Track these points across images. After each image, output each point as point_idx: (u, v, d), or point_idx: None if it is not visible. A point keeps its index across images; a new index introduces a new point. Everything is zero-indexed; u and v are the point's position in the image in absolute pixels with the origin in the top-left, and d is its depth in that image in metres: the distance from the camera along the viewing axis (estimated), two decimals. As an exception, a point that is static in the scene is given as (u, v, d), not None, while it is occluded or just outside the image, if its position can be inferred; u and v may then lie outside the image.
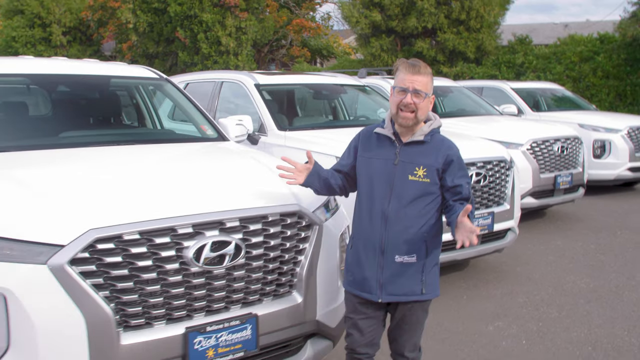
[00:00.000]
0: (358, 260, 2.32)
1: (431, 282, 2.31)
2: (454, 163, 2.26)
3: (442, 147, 2.28)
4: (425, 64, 2.27)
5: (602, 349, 3.44)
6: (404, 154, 2.27)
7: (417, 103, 2.20)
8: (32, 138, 3.09)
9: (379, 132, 2.34)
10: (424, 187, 2.23)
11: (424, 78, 2.22)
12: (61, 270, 1.94)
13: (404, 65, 2.25)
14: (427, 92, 2.22)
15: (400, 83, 2.23)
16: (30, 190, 2.22)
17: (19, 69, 3.36)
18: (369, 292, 2.29)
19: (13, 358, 1.94)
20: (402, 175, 2.24)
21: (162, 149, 3.13)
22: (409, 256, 2.24)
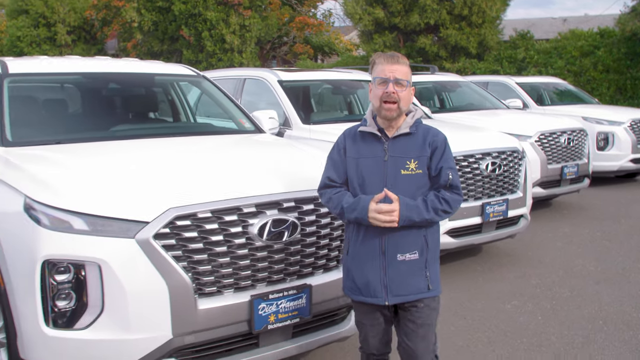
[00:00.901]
0: (358, 264, 2.24)
1: (434, 277, 2.26)
2: (438, 149, 2.21)
3: (428, 136, 2.24)
4: (402, 54, 2.25)
5: (612, 323, 3.73)
6: (392, 149, 2.21)
7: (399, 92, 2.16)
8: (91, 131, 3.37)
9: (363, 130, 2.26)
10: (417, 179, 2.19)
11: (404, 67, 2.19)
12: (147, 244, 2.23)
13: (381, 57, 2.22)
14: (408, 80, 2.20)
15: (380, 74, 2.18)
16: (114, 175, 2.51)
17: (73, 68, 3.63)
18: (374, 296, 2.22)
19: (106, 319, 2.22)
20: (394, 170, 2.19)
21: (211, 140, 3.41)
22: (410, 253, 2.19)
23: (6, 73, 3.41)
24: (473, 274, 4.75)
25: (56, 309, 2.23)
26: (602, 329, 3.64)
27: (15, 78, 3.42)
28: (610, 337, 3.52)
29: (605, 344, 3.42)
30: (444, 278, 4.37)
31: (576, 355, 3.28)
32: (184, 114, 4.39)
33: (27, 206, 2.34)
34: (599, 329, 3.65)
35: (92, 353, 2.24)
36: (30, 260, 2.23)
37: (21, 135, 3.13)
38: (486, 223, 4.57)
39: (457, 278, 4.60)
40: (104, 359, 2.24)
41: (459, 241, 4.44)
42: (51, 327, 2.23)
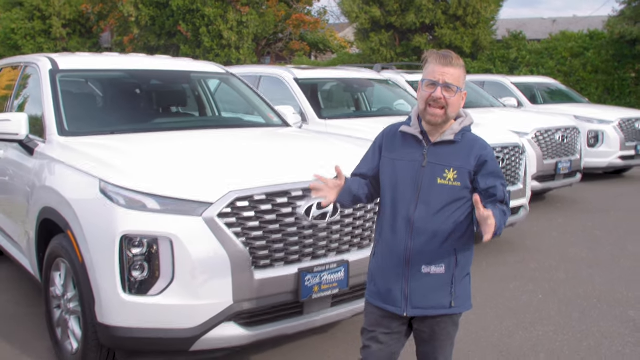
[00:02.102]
0: (382, 270, 2.14)
1: (461, 294, 2.12)
2: (487, 164, 2.05)
3: (475, 147, 2.07)
4: (458, 55, 2.07)
5: (605, 301, 4.13)
6: (432, 155, 2.06)
7: (448, 98, 2.00)
8: (138, 123, 3.69)
9: (404, 130, 2.13)
10: (453, 191, 2.04)
11: (456, 70, 2.02)
12: (212, 221, 2.56)
13: (434, 56, 2.05)
14: (459, 86, 2.02)
15: (430, 75, 2.02)
16: (176, 162, 2.84)
17: (117, 65, 3.94)
18: (393, 304, 2.11)
19: (177, 287, 2.55)
20: (430, 178, 2.04)
21: (249, 132, 3.75)
22: (436, 267, 2.06)
23: (57, 69, 3.71)
24: (477, 259, 5.03)
25: (132, 278, 2.56)
26: (596, 306, 4.04)
27: (65, 74, 3.73)
28: (604, 312, 3.92)
29: (599, 318, 3.82)
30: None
31: (574, 327, 3.67)
32: (209, 108, 4.71)
33: (103, 189, 2.66)
34: (593, 305, 4.05)
35: (163, 316, 2.57)
36: (109, 236, 2.55)
37: (76, 126, 3.43)
38: (490, 212, 4.94)
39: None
40: (174, 321, 2.57)
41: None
42: (128, 294, 2.56)
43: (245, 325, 2.68)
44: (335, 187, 2.16)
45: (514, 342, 3.47)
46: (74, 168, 2.92)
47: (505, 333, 3.59)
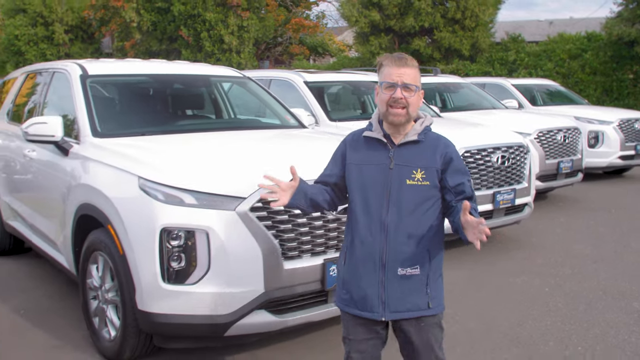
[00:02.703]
0: (356, 277, 2.12)
1: (436, 294, 2.13)
2: (453, 161, 2.10)
3: (439, 145, 2.11)
4: (411, 56, 2.12)
5: (610, 294, 4.31)
6: (398, 157, 2.08)
7: (408, 97, 2.04)
8: (163, 125, 3.88)
9: (368, 135, 2.15)
10: (423, 190, 2.06)
11: (412, 71, 2.06)
12: (244, 215, 2.75)
13: (389, 59, 2.09)
14: (417, 85, 2.07)
15: (387, 78, 2.05)
16: (208, 160, 3.02)
17: (141, 70, 4.14)
18: (370, 310, 2.09)
19: (212, 276, 2.73)
20: (398, 180, 2.06)
21: (270, 132, 3.94)
22: (412, 268, 2.07)
23: (87, 75, 3.90)
24: (484, 255, 5.31)
25: (171, 268, 2.74)
26: (601, 298, 4.22)
27: (94, 79, 3.91)
28: (609, 304, 4.11)
29: (604, 310, 4.00)
30: (459, 260, 4.99)
31: (580, 318, 3.86)
32: (227, 110, 4.90)
33: (142, 185, 2.85)
34: (598, 298, 4.23)
35: (200, 303, 2.74)
36: (149, 229, 2.74)
37: (107, 128, 3.62)
38: (496, 210, 5.15)
39: (471, 258, 5.16)
40: (210, 308, 2.75)
41: (474, 225, 5.00)
42: (167, 282, 2.74)
43: (275, 313, 2.86)
44: (288, 188, 2.15)
45: (523, 331, 3.65)
46: (111, 167, 3.11)
47: (515, 323, 3.78)
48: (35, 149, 4.00)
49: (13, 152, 4.51)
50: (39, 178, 3.95)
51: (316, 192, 2.22)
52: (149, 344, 3.01)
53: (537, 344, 3.47)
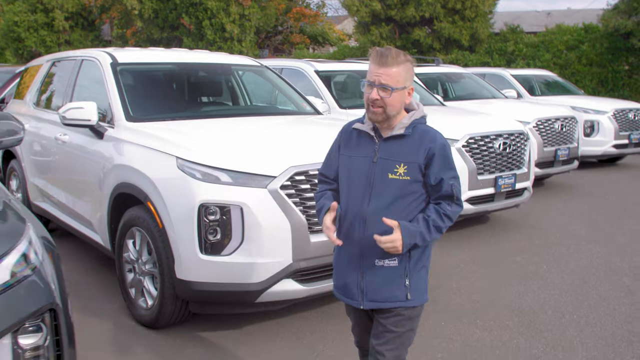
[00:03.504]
0: (340, 265, 2.20)
1: (417, 287, 2.12)
2: (435, 157, 2.04)
3: (424, 140, 2.06)
4: (399, 51, 2.02)
5: (602, 270, 4.63)
6: (383, 151, 2.07)
7: (385, 98, 1.99)
8: (190, 110, 4.14)
9: (358, 127, 2.15)
10: (404, 185, 2.04)
11: (394, 69, 1.98)
12: (275, 192, 3.03)
13: (372, 55, 2.03)
14: (396, 85, 1.99)
15: (368, 76, 2.03)
16: (239, 142, 3.29)
17: (168, 58, 4.39)
18: (351, 297, 2.16)
19: (246, 248, 3.02)
20: (381, 173, 2.06)
21: (292, 118, 4.21)
22: (389, 260, 2.07)
23: (117, 63, 4.15)
24: (485, 236, 5.63)
25: (208, 241, 3.02)
26: (594, 274, 4.54)
27: (124, 67, 4.16)
28: (601, 279, 4.43)
29: (597, 284, 4.32)
30: (463, 242, 5.30)
31: (576, 291, 4.17)
32: (242, 97, 5.16)
33: (180, 165, 3.12)
34: (592, 274, 4.55)
35: (234, 272, 3.03)
36: (188, 205, 3.02)
37: (138, 113, 3.88)
38: (498, 193, 5.45)
39: (473, 240, 5.48)
40: (243, 277, 3.04)
41: (476, 208, 5.31)
42: (204, 254, 3.02)
43: (302, 282, 3.15)
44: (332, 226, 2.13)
45: (524, 302, 3.97)
46: (149, 148, 3.38)
47: (516, 296, 4.09)
48: (68, 133, 4.26)
49: (42, 137, 4.76)
50: (72, 160, 4.20)
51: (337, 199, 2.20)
52: (184, 311, 3.30)
53: (537, 313, 3.78)
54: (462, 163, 5.19)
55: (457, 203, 2.09)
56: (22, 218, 1.79)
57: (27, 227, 1.73)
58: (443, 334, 3.46)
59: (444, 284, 4.31)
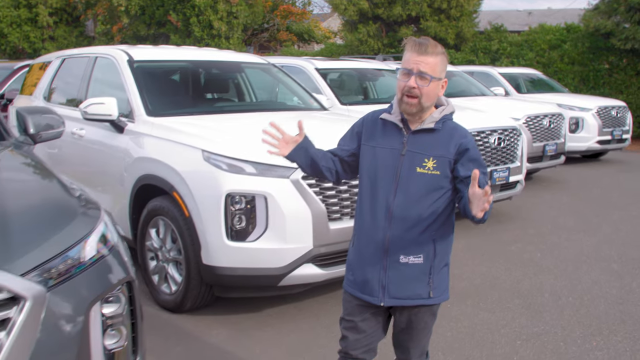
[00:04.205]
0: (360, 259, 2.12)
1: (439, 284, 2.10)
2: (468, 152, 2.01)
3: (455, 135, 2.03)
4: (436, 42, 2.00)
5: (592, 257, 4.92)
6: (412, 144, 2.02)
7: (422, 87, 1.96)
8: (204, 106, 4.30)
9: (385, 118, 2.10)
10: (433, 180, 2.00)
11: (432, 59, 1.95)
12: (297, 182, 3.22)
13: (410, 44, 1.99)
14: (434, 75, 1.97)
15: (405, 64, 1.98)
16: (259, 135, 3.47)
17: (181, 56, 4.54)
18: (370, 294, 2.09)
19: (270, 234, 3.21)
20: (409, 167, 2.01)
21: (304, 113, 4.40)
22: (415, 257, 2.03)
23: (133, 60, 4.30)
24: (481, 228, 5.88)
25: (234, 228, 3.21)
26: (585, 261, 4.83)
27: (139, 64, 4.31)
28: (592, 266, 4.72)
29: (589, 270, 4.61)
30: (460, 232, 5.55)
31: (569, 276, 4.45)
32: (248, 94, 5.34)
33: (206, 157, 3.30)
34: (583, 261, 4.84)
35: (258, 258, 3.23)
36: (215, 195, 3.19)
37: (157, 108, 4.03)
38: (493, 186, 5.70)
39: (470, 230, 5.73)
40: (267, 262, 3.23)
41: (473, 200, 5.56)
42: (230, 240, 3.21)
43: (321, 266, 3.35)
44: (291, 141, 2.15)
45: (522, 286, 4.23)
46: (173, 141, 3.54)
47: (515, 281, 4.35)
48: (84, 128, 4.39)
49: (55, 131, 4.87)
50: (90, 154, 4.34)
51: (319, 157, 2.18)
52: (208, 295, 3.48)
53: (535, 296, 4.04)
54: (460, 157, 5.43)
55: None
56: (96, 203, 1.96)
57: (102, 211, 1.90)
58: (450, 315, 3.70)
59: (446, 270, 4.55)
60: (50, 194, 1.89)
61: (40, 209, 1.74)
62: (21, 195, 1.80)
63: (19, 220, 1.60)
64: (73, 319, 1.55)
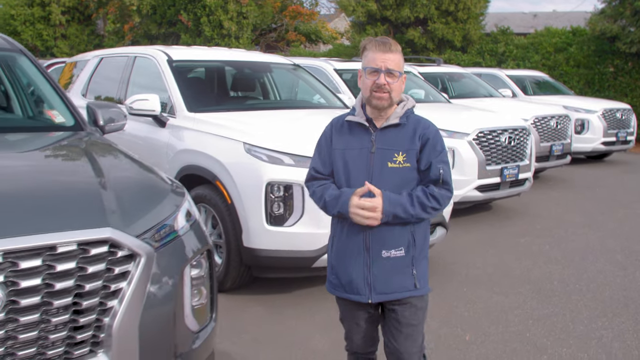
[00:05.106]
0: (342, 261, 2.15)
1: (422, 275, 2.15)
2: (429, 142, 2.09)
3: (418, 127, 2.11)
4: (395, 41, 2.10)
5: (597, 249, 5.24)
6: (380, 140, 2.08)
7: (391, 83, 2.03)
8: (238, 103, 4.63)
9: (350, 119, 2.15)
10: (405, 173, 2.06)
11: (396, 56, 2.05)
12: (330, 173, 3.54)
13: (372, 43, 2.07)
14: (400, 70, 2.06)
15: (371, 63, 2.04)
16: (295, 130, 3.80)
17: (215, 56, 4.87)
18: (357, 293, 2.12)
19: (305, 220, 3.53)
20: (380, 163, 2.07)
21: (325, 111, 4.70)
22: (396, 250, 2.08)
23: (172, 60, 4.62)
24: (491, 223, 6.21)
25: (273, 214, 3.53)
26: (591, 253, 5.14)
27: (178, 63, 4.64)
28: (597, 257, 5.03)
29: (594, 260, 4.92)
30: (470, 226, 5.87)
31: (576, 266, 4.76)
32: (273, 92, 5.67)
33: (247, 150, 3.62)
34: (589, 252, 5.15)
35: (294, 241, 3.55)
36: (256, 183, 3.52)
37: (196, 104, 4.36)
38: (503, 182, 6.02)
39: (480, 224, 6.05)
40: (302, 245, 3.55)
41: (484, 195, 5.89)
42: (269, 225, 3.53)
43: (350, 250, 3.67)
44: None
45: (532, 274, 4.54)
46: (215, 135, 3.87)
47: (525, 269, 4.67)
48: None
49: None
50: (132, 146, 4.63)
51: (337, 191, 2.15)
52: (247, 275, 3.81)
53: (544, 282, 4.36)
54: (473, 154, 5.76)
55: (445, 187, 2.10)
56: (180, 184, 2.29)
57: (185, 191, 2.23)
58: (466, 298, 4.02)
59: (460, 259, 4.87)
60: (144, 174, 2.22)
61: (141, 187, 2.07)
62: (123, 175, 2.12)
63: (128, 194, 1.92)
64: (172, 277, 1.87)
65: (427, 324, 3.27)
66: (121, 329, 1.68)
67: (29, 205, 1.69)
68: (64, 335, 1.61)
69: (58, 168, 2.14)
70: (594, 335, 3.49)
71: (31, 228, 1.57)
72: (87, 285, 1.63)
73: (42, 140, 2.59)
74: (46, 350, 1.59)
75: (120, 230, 1.70)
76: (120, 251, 1.71)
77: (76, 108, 2.96)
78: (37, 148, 2.46)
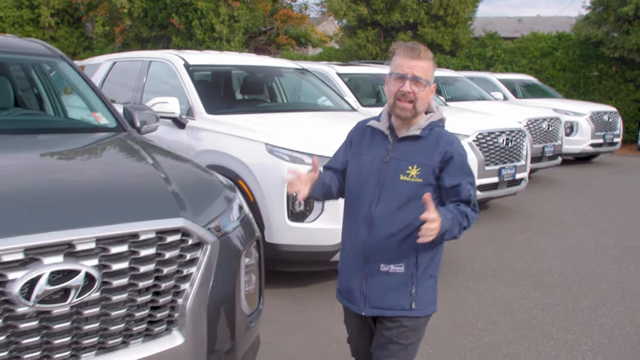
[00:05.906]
0: (345, 267, 2.13)
1: (424, 296, 2.03)
2: (453, 160, 1.97)
3: (441, 143, 1.99)
4: (426, 47, 2.00)
5: (592, 245, 5.52)
6: (397, 151, 2.00)
7: (417, 92, 1.94)
8: (251, 106, 4.82)
9: (372, 125, 2.10)
10: (415, 188, 1.95)
11: (425, 63, 1.95)
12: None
13: (401, 48, 1.98)
14: (428, 79, 1.96)
15: (398, 69, 1.95)
16: (317, 131, 4.00)
17: (229, 61, 5.07)
18: (353, 302, 2.09)
19: (325, 216, 3.73)
20: (393, 174, 1.98)
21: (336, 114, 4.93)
22: (395, 265, 2.00)
23: (188, 64, 4.80)
24: (490, 220, 6.47)
25: (294, 210, 3.73)
26: (586, 249, 5.42)
27: (194, 67, 4.82)
28: (592, 252, 5.30)
29: (590, 255, 5.19)
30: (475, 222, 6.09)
31: (573, 260, 5.03)
32: (281, 95, 5.87)
33: (269, 150, 3.82)
34: (584, 248, 5.43)
35: (314, 237, 3.75)
36: (279, 182, 3.71)
37: (213, 107, 4.54)
38: (501, 182, 6.29)
39: (479, 223, 6.30)
40: (322, 240, 3.75)
41: (484, 194, 6.14)
42: (291, 221, 3.73)
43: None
44: (309, 180, 2.09)
45: (533, 268, 4.80)
46: (236, 136, 4.06)
47: (525, 264, 4.92)
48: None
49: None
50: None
51: (330, 180, 2.17)
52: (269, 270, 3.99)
53: (545, 275, 4.61)
54: (473, 155, 6.00)
55: (473, 209, 2.01)
56: (230, 181, 2.48)
57: (235, 187, 2.42)
58: (474, 289, 4.25)
59: (465, 254, 5.11)
60: (198, 171, 2.41)
61: (199, 181, 2.26)
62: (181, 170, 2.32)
63: (189, 188, 2.11)
64: (232, 264, 2.06)
65: (441, 313, 3.52)
66: (192, 309, 1.86)
67: (111, 196, 1.87)
68: (145, 314, 1.80)
69: (122, 164, 2.32)
70: (596, 322, 3.74)
71: (118, 217, 1.75)
72: (165, 269, 1.82)
73: (94, 139, 2.77)
74: (131, 326, 1.77)
75: (191, 221, 1.89)
76: (191, 239, 1.90)
77: (116, 110, 3.13)
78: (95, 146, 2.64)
